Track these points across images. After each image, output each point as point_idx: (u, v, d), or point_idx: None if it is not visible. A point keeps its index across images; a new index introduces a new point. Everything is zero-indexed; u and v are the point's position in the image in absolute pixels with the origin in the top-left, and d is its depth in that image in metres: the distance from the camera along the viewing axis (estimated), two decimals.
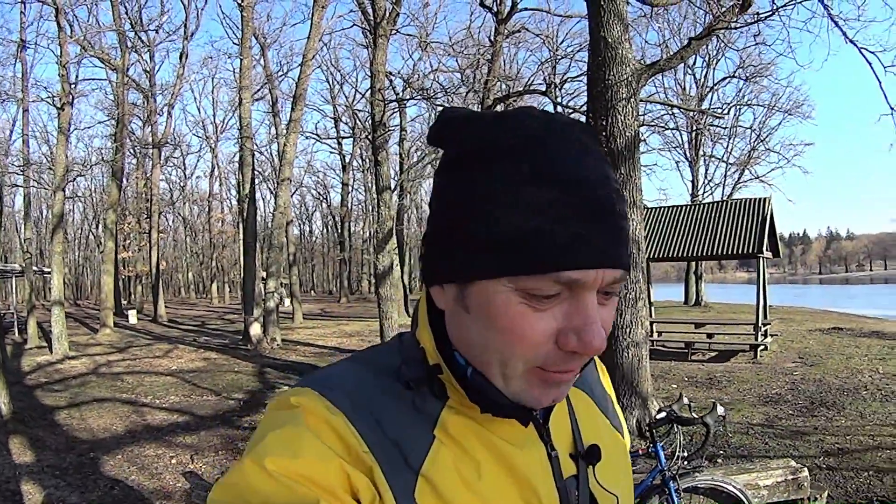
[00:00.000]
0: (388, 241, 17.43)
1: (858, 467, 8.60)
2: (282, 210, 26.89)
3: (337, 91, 62.41)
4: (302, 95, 27.40)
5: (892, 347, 18.76)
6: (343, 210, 66.53)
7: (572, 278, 0.86)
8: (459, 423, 0.99)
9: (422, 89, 29.73)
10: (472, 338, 0.95)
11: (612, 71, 9.69)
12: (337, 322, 36.46)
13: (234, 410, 13.26)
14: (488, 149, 0.92)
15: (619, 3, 9.82)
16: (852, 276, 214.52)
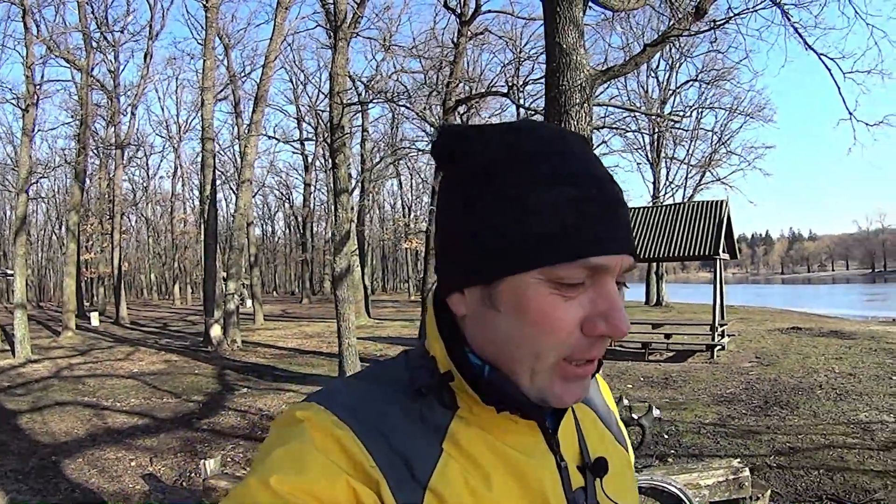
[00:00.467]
0: (345, 243, 17.39)
1: (809, 466, 8.78)
2: (242, 211, 26.86)
3: (300, 91, 62.57)
4: (263, 97, 27.56)
5: (850, 347, 19.02)
6: (305, 210, 66.60)
7: (599, 264, 0.92)
8: (469, 433, 1.00)
9: (381, 92, 29.71)
10: (502, 336, 0.97)
11: (566, 76, 9.58)
12: (298, 323, 36.39)
13: (194, 413, 13.28)
14: (512, 154, 0.97)
15: (574, 10, 9.65)
16: (814, 277, 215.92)
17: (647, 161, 49.58)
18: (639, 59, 11.53)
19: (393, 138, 49.74)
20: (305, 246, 68.79)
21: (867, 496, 7.57)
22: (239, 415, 13.08)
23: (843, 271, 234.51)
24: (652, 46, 11.75)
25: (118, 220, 43.72)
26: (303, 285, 71.04)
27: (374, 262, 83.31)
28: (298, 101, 62.43)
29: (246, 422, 12.34)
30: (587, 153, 1.00)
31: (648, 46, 11.61)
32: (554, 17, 9.67)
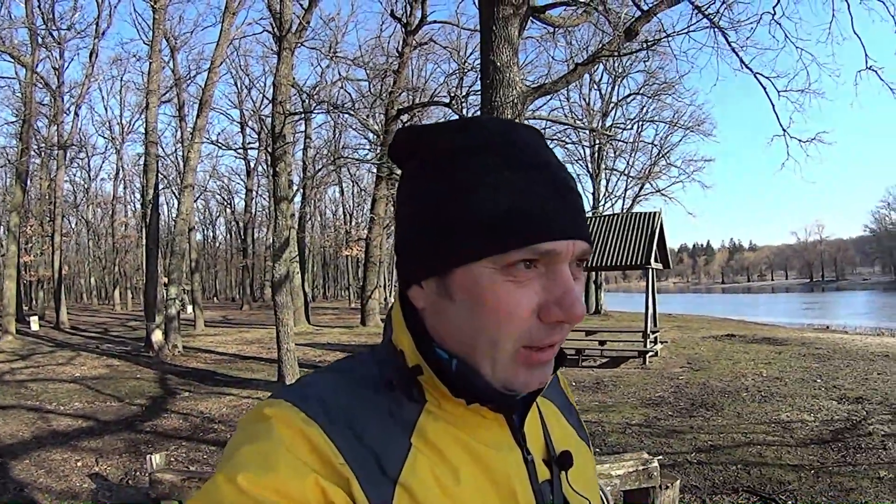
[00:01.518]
0: (285, 249, 17.55)
1: (728, 461, 9.22)
2: (184, 217, 26.85)
3: (244, 96, 61.96)
4: (208, 102, 27.50)
5: (780, 352, 19.56)
6: (247, 216, 65.98)
7: (549, 249, 0.93)
8: (437, 428, 1.01)
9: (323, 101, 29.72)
10: (459, 326, 0.99)
11: (499, 93, 10.05)
12: (238, 329, 36.35)
13: (137, 415, 13.44)
14: (462, 147, 1.00)
15: (510, 30, 10.12)
16: (754, 286, 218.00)
17: (588, 172, 49.66)
18: (570, 77, 11.85)
19: (336, 145, 49.47)
20: (246, 252, 67.82)
21: (781, 487, 8.03)
22: (181, 417, 13.26)
23: (782, 281, 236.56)
24: (583, 65, 12.18)
25: (59, 223, 42.79)
26: (243, 291, 70.22)
27: (315, 269, 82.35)
28: (242, 105, 61.88)
29: (188, 424, 12.52)
30: (537, 143, 1.04)
31: (579, 65, 12.02)
32: (490, 35, 10.11)
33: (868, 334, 28.63)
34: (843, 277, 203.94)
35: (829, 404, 12.60)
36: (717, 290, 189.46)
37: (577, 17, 12.73)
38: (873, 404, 12.36)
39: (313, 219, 71.67)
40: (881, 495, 7.70)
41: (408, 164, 1.08)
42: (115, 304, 67.95)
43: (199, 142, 27.60)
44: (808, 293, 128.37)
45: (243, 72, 58.49)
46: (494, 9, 10.15)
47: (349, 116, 37.12)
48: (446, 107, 22.20)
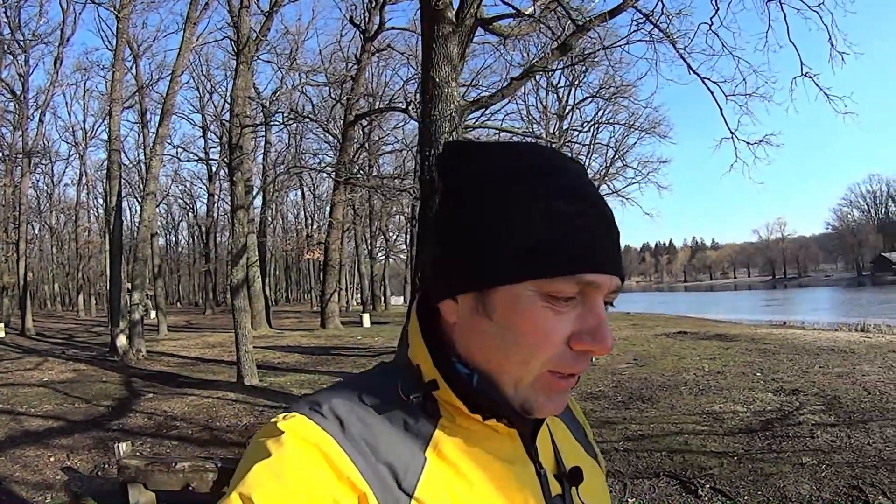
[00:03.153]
0: (242, 255, 18.00)
1: (653, 449, 9.61)
2: (147, 223, 27.00)
3: (206, 101, 61.99)
4: (170, 110, 27.74)
5: (728, 348, 19.87)
6: (209, 221, 65.91)
7: (591, 280, 0.94)
8: (452, 442, 1.00)
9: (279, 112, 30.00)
10: (491, 344, 0.98)
11: (438, 107, 10.54)
12: (201, 334, 36.34)
13: (104, 415, 13.93)
14: (516, 168, 1.00)
15: (449, 47, 10.66)
16: (717, 284, 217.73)
17: None
18: (505, 91, 12.50)
19: (296, 149, 49.46)
20: (209, 256, 67.78)
21: (701, 472, 8.40)
22: (146, 416, 13.77)
23: (744, 278, 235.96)
24: (517, 80, 12.84)
25: (24, 230, 42.31)
26: (206, 296, 69.87)
27: (277, 273, 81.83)
28: (204, 110, 61.99)
29: (152, 422, 13.04)
30: (582, 175, 1.04)
31: (514, 80, 12.66)
32: (430, 52, 10.68)
33: (825, 329, 28.74)
34: (805, 274, 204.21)
35: (764, 396, 12.82)
36: (680, 289, 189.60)
37: (525, 27, 13.32)
38: (808, 396, 12.47)
39: (275, 222, 71.15)
40: (800, 479, 8.00)
41: (454, 176, 1.08)
42: (80, 310, 67.31)
43: (161, 155, 28.12)
44: (770, 290, 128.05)
45: (205, 77, 58.51)
46: (434, 27, 10.68)
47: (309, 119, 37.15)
48: (403, 112, 22.31)
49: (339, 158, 34.78)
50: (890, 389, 12.44)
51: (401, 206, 40.80)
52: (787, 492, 7.63)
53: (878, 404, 11.34)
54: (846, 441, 9.35)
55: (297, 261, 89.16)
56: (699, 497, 7.76)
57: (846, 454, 8.78)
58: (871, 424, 10.05)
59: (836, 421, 10.49)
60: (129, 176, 55.62)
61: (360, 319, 39.50)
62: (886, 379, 13.47)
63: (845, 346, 18.66)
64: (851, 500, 7.25)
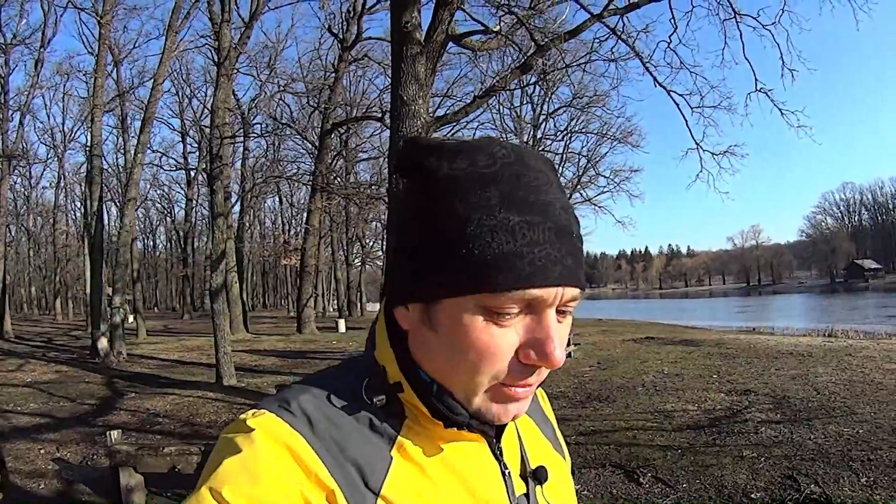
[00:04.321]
0: (221, 261, 18.41)
1: (603, 443, 10.20)
2: (128, 229, 27.32)
3: (185, 105, 61.87)
4: (151, 118, 27.91)
5: (691, 352, 20.31)
6: (187, 226, 65.89)
7: (537, 296, 0.90)
8: (418, 442, 1.01)
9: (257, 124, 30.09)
10: (438, 357, 0.99)
11: (406, 124, 11.00)
12: (179, 338, 36.62)
13: (89, 413, 14.45)
14: (466, 175, 0.96)
15: (416, 67, 11.14)
16: (692, 291, 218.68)
17: None
18: (469, 108, 13.00)
19: (275, 155, 49.60)
20: (186, 261, 67.51)
21: (645, 463, 9.02)
22: (129, 413, 14.33)
23: (720, 285, 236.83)
24: (480, 98, 13.42)
25: (2, 232, 40.86)
26: (184, 301, 69.49)
27: (255, 279, 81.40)
28: (184, 115, 61.81)
29: (136, 419, 13.61)
30: (543, 177, 0.99)
31: (477, 98, 13.23)
32: (398, 71, 11.23)
33: (794, 335, 29.20)
34: (779, 281, 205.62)
35: (716, 396, 13.29)
36: (656, 296, 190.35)
37: (493, 42, 13.87)
38: (759, 395, 13.04)
39: (252, 228, 70.50)
40: (738, 470, 8.54)
41: (411, 176, 1.06)
42: (57, 313, 66.66)
43: (143, 153, 28.18)
44: (745, 297, 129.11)
45: (184, 81, 58.48)
46: (403, 47, 11.20)
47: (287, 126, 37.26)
48: (378, 121, 23.61)
49: (317, 166, 35.13)
50: (840, 389, 12.95)
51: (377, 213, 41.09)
52: (724, 481, 8.20)
53: (825, 403, 11.86)
54: (788, 436, 9.87)
55: (274, 266, 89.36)
56: (641, 485, 8.34)
57: (786, 448, 9.30)
58: (816, 422, 10.56)
59: (782, 418, 11.00)
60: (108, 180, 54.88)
61: (336, 325, 39.81)
62: (838, 380, 13.96)
63: (805, 349, 19.08)
64: (784, 489, 7.77)
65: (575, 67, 20.13)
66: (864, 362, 16.10)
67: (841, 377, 14.35)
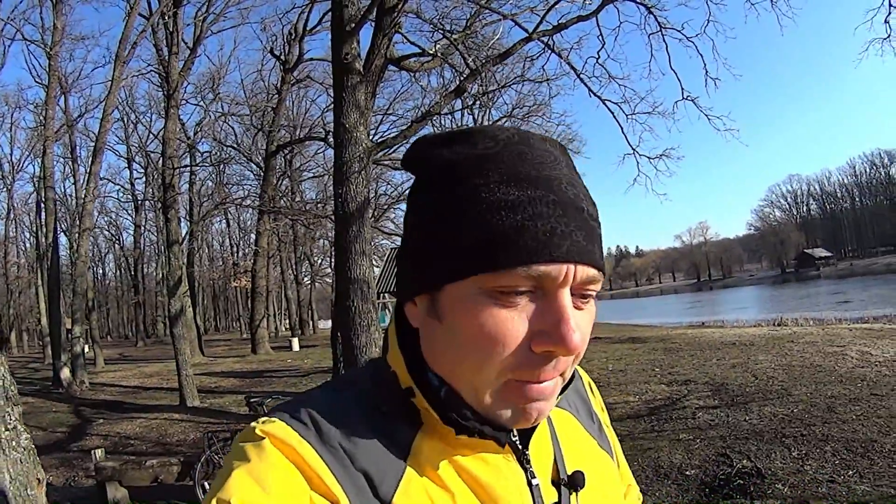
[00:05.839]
0: (178, 287, 19.18)
1: None
2: (83, 259, 27.76)
3: (131, 131, 61.43)
4: (101, 148, 28.03)
5: (636, 349, 20.86)
6: (136, 252, 65.62)
7: (543, 272, 0.85)
8: (433, 450, 0.97)
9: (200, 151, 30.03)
10: (446, 349, 0.94)
11: (348, 150, 11.43)
12: (136, 365, 36.77)
13: (62, 440, 15.08)
14: (464, 158, 0.94)
15: (357, 95, 11.56)
16: (642, 290, 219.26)
17: None
18: (407, 132, 13.48)
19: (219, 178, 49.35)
20: (138, 288, 67.24)
21: None
22: (101, 437, 14.92)
23: (670, 283, 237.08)
24: (417, 122, 13.97)
25: None
26: (137, 328, 69.47)
27: (206, 302, 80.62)
28: (129, 140, 61.60)
29: (109, 442, 14.14)
30: (549, 155, 0.96)
31: (414, 122, 13.79)
32: (340, 100, 11.70)
33: (743, 326, 30.19)
34: (730, 275, 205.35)
35: (657, 388, 13.85)
36: (606, 297, 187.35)
37: (431, 63, 14.46)
38: (699, 385, 13.56)
39: (201, 251, 70.11)
40: (674, 451, 9.23)
41: (414, 172, 1.05)
42: (12, 346, 65.51)
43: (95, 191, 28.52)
44: (696, 293, 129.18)
45: (130, 108, 57.77)
46: (344, 77, 11.67)
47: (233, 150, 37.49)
48: (322, 141, 23.45)
49: (263, 188, 35.46)
50: (778, 374, 13.56)
51: (325, 231, 41.38)
52: (661, 462, 8.97)
53: (762, 387, 12.49)
54: (724, 419, 10.58)
55: (224, 289, 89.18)
56: None
57: (721, 430, 10.00)
58: (752, 405, 11.24)
59: (719, 403, 11.70)
60: (56, 208, 54.93)
61: (290, 344, 40.11)
62: (776, 365, 14.56)
63: (748, 339, 19.64)
64: (718, 465, 8.50)
65: (509, 87, 20.66)
66: (806, 347, 16.55)
67: (780, 362, 14.87)
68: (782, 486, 7.63)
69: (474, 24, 14.41)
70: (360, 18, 11.78)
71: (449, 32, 13.56)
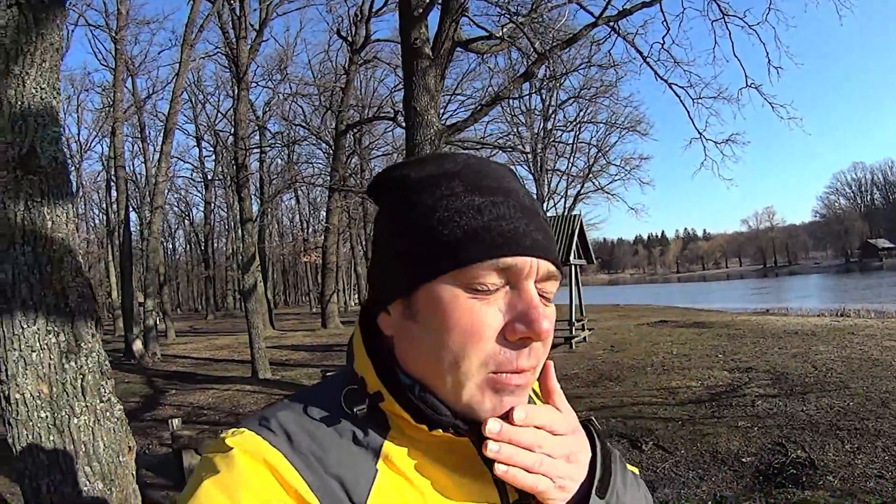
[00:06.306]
0: (251, 263, 19.44)
1: (611, 416, 11.08)
2: (155, 235, 28.45)
3: (199, 111, 61.83)
4: (172, 129, 28.84)
5: (701, 334, 20.99)
6: (206, 228, 66.15)
7: (510, 263, 0.91)
8: (403, 452, 0.98)
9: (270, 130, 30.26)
10: (423, 348, 0.97)
11: (420, 133, 11.54)
12: (207, 337, 37.43)
13: (136, 410, 15.39)
14: (429, 175, 1.01)
15: (427, 79, 11.70)
16: (709, 274, 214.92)
17: (531, 174, 49.89)
18: (478, 115, 13.61)
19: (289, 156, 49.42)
20: (208, 263, 67.68)
21: (648, 434, 9.89)
22: (174, 408, 15.34)
23: (736, 268, 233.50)
24: (487, 105, 14.03)
25: None
26: (206, 302, 70.29)
27: (276, 277, 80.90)
28: (197, 120, 62.06)
29: (181, 412, 14.49)
30: (503, 172, 1.05)
31: (484, 106, 13.87)
32: (410, 84, 11.88)
33: (807, 315, 29.91)
34: (795, 262, 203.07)
35: (719, 374, 13.96)
36: (674, 280, 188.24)
37: (497, 45, 14.52)
38: (759, 373, 13.63)
39: (271, 228, 70.51)
40: (731, 438, 9.38)
41: (384, 198, 1.08)
42: None
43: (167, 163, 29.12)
44: (761, 279, 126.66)
45: (197, 88, 58.26)
46: (414, 62, 11.81)
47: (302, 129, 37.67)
48: (391, 120, 23.73)
49: (333, 166, 35.70)
50: (837, 366, 13.59)
51: None
52: (719, 447, 9.11)
53: (821, 378, 12.53)
54: (782, 409, 10.67)
55: (293, 264, 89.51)
56: (643, 451, 9.32)
57: (779, 419, 10.10)
58: (809, 395, 11.30)
59: (778, 393, 11.76)
60: (127, 186, 55.52)
61: None
62: (836, 357, 14.56)
63: (810, 329, 19.63)
64: (773, 454, 8.63)
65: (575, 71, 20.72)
66: (865, 340, 16.56)
67: (840, 354, 14.87)
68: (832, 479, 7.74)
69: (540, 6, 14.21)
70: (429, 3, 11.94)
71: (515, 15, 13.43)
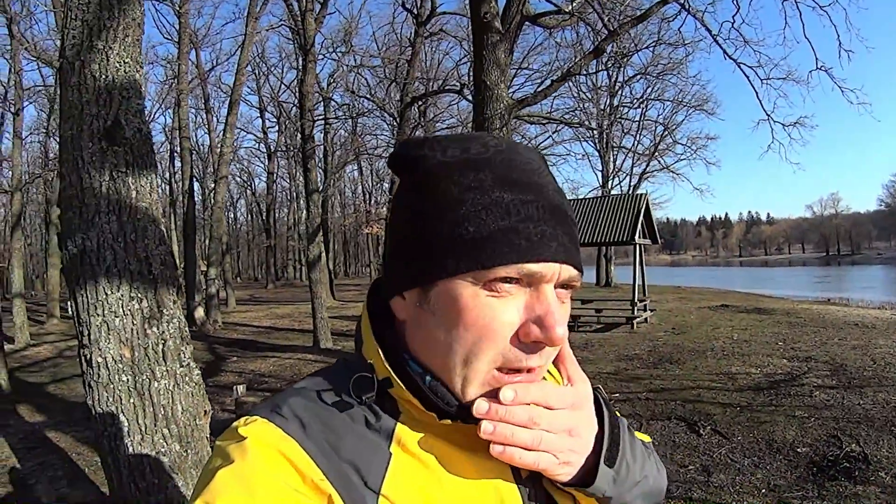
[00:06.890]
0: (316, 234, 19.70)
1: (670, 399, 10.99)
2: (220, 205, 28.78)
3: (262, 82, 61.90)
4: (237, 101, 29.22)
5: (762, 320, 20.66)
6: (269, 198, 66.43)
7: (534, 271, 0.91)
8: (415, 436, 1.00)
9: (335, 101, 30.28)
10: (437, 340, 0.97)
11: (489, 107, 11.31)
12: (268, 306, 37.86)
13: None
14: (458, 161, 0.99)
15: (497, 53, 11.42)
16: (771, 260, 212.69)
17: (596, 150, 50.10)
18: (548, 90, 13.28)
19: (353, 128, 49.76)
20: (269, 233, 68.18)
21: (707, 418, 9.78)
22: (236, 375, 15.42)
23: (799, 254, 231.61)
24: (558, 81, 13.73)
25: None
26: (268, 271, 70.65)
27: (337, 248, 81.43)
28: (260, 91, 62.13)
29: (243, 379, 14.48)
30: (537, 165, 1.03)
31: (555, 82, 13.59)
32: (480, 59, 11.63)
33: (867, 307, 29.03)
34: (858, 252, 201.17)
35: (779, 362, 13.69)
36: (736, 264, 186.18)
37: (566, 20, 14.31)
38: (819, 363, 13.34)
39: (333, 199, 71.16)
40: (788, 427, 9.23)
41: (405, 175, 1.07)
42: None
43: (231, 134, 29.06)
44: (824, 267, 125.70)
45: (261, 59, 58.02)
46: (484, 36, 11.55)
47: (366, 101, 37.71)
48: (457, 94, 23.77)
49: (397, 138, 35.20)
50: (895, 361, 13.23)
51: None
52: (775, 436, 8.95)
53: (879, 373, 12.22)
54: (839, 401, 10.43)
55: (354, 235, 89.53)
56: (700, 436, 9.18)
57: (836, 411, 9.89)
58: (867, 389, 11.02)
59: (836, 384, 11.50)
60: (191, 157, 56.25)
61: None
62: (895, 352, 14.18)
63: (870, 322, 19.21)
64: (828, 446, 8.43)
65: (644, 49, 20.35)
66: None
67: None
68: (885, 475, 7.55)
69: None
70: None
71: None
